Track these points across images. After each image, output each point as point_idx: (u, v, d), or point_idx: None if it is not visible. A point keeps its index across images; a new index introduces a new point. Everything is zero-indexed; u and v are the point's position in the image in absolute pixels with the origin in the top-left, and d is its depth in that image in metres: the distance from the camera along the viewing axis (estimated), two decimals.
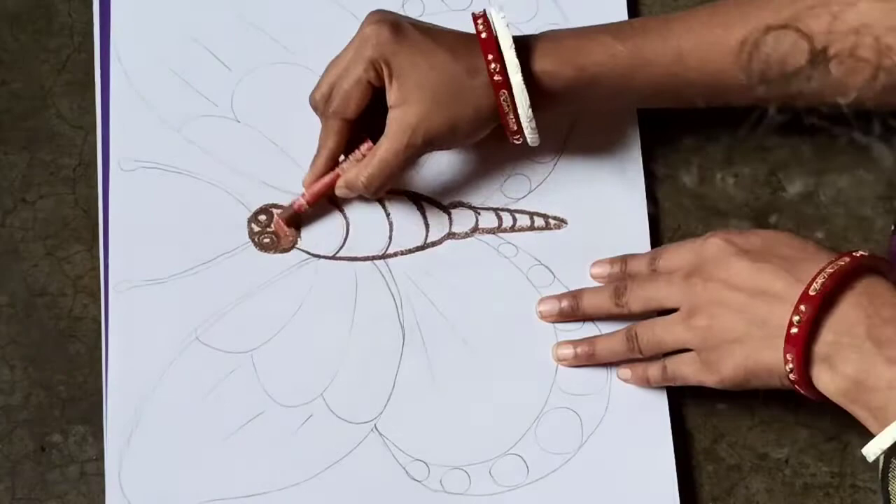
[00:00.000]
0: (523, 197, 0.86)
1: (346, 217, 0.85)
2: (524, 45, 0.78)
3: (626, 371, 0.81)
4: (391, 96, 0.79)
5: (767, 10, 0.76)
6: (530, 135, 0.79)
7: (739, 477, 0.81)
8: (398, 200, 0.85)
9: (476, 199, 0.86)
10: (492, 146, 0.86)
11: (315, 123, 0.83)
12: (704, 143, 0.87)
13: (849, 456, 0.81)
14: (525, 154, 0.86)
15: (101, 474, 0.79)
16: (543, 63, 0.78)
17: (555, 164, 0.86)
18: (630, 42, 0.78)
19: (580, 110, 0.85)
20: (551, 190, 0.86)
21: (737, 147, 0.87)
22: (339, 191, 0.82)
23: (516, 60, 0.77)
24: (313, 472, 0.79)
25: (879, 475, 0.71)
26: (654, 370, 0.79)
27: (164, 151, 0.85)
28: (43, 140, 0.86)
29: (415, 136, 0.78)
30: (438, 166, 0.86)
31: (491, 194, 0.86)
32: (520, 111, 0.78)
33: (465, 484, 0.80)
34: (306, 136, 0.85)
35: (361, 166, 0.80)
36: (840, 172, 0.87)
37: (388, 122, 0.79)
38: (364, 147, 0.81)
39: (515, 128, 0.79)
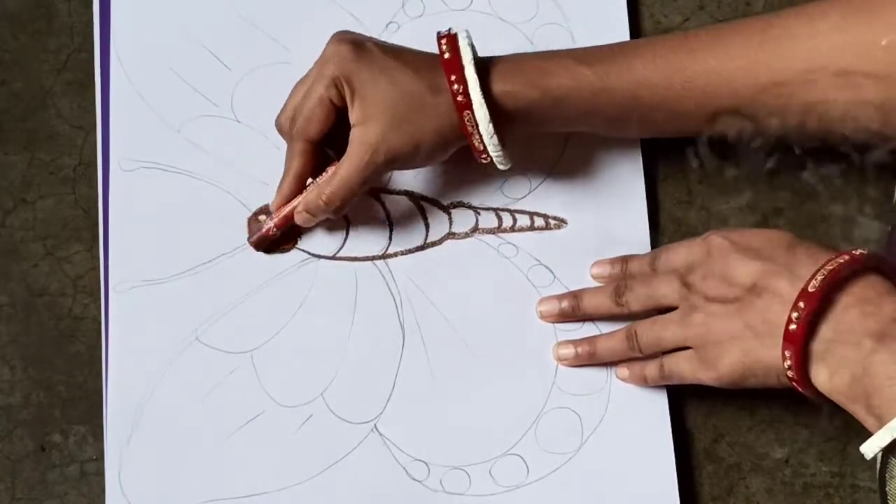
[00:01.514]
0: (523, 197, 0.86)
1: (346, 217, 0.85)
2: (488, 66, 0.78)
3: (623, 370, 0.81)
4: (353, 115, 0.78)
5: (733, 46, 0.76)
6: (494, 152, 0.79)
7: (739, 477, 0.81)
8: (398, 200, 0.85)
9: (476, 199, 0.86)
10: None
11: None
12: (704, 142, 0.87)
13: (849, 456, 0.81)
14: (525, 154, 0.86)
15: (101, 474, 0.79)
16: (507, 84, 0.78)
17: (555, 164, 0.86)
18: (595, 66, 0.78)
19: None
20: (551, 190, 0.86)
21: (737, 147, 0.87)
22: (299, 217, 0.81)
23: (475, 76, 0.76)
24: (313, 472, 0.80)
25: (877, 475, 0.71)
26: (651, 369, 0.79)
27: (164, 151, 0.85)
28: (43, 140, 0.86)
29: (376, 154, 0.78)
30: (438, 166, 0.86)
31: (491, 194, 0.86)
32: (481, 128, 0.77)
33: (465, 484, 0.80)
34: None
35: (322, 184, 0.80)
36: (840, 172, 0.87)
37: (350, 140, 0.78)
38: (331, 170, 0.81)
39: (482, 147, 0.79)
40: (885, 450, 0.68)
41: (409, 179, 0.86)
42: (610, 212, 0.85)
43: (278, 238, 0.83)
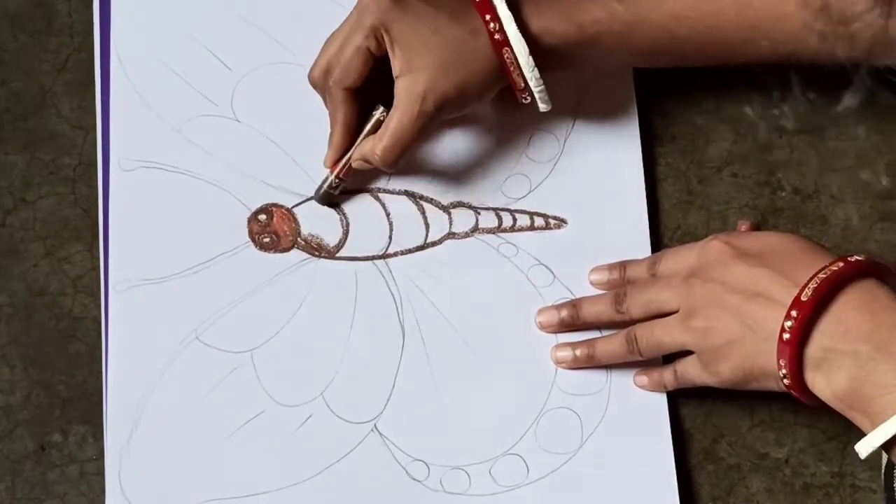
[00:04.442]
0: (523, 197, 0.86)
1: (346, 217, 0.85)
2: (520, 4, 0.78)
3: (642, 378, 0.81)
4: (396, 65, 0.78)
5: None
6: (536, 87, 0.79)
7: (739, 477, 0.81)
8: (398, 200, 0.85)
9: (476, 199, 0.86)
10: (492, 146, 0.86)
11: (316, 121, 0.83)
12: (704, 143, 0.87)
13: (849, 456, 0.81)
14: (525, 154, 0.86)
15: (101, 474, 0.79)
16: (542, 20, 0.78)
17: (555, 164, 0.86)
18: (627, 0, 0.78)
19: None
20: (551, 190, 0.86)
21: (737, 147, 0.87)
22: (356, 163, 0.81)
23: (509, 13, 0.77)
24: (313, 472, 0.79)
25: (882, 474, 0.71)
26: (667, 375, 0.80)
27: (164, 151, 0.85)
28: (43, 140, 0.86)
29: (425, 103, 0.77)
30: (438, 166, 0.86)
31: (491, 194, 0.86)
32: (521, 61, 0.77)
33: (465, 484, 0.80)
34: (306, 136, 0.85)
35: (375, 139, 0.79)
36: (840, 172, 0.87)
37: (395, 91, 0.78)
38: (378, 112, 0.80)
39: (522, 84, 0.79)
40: (885, 450, 0.68)
41: (409, 179, 0.85)
42: (610, 212, 0.85)
43: (339, 191, 0.84)
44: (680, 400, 0.81)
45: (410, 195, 0.85)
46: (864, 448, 0.68)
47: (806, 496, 0.81)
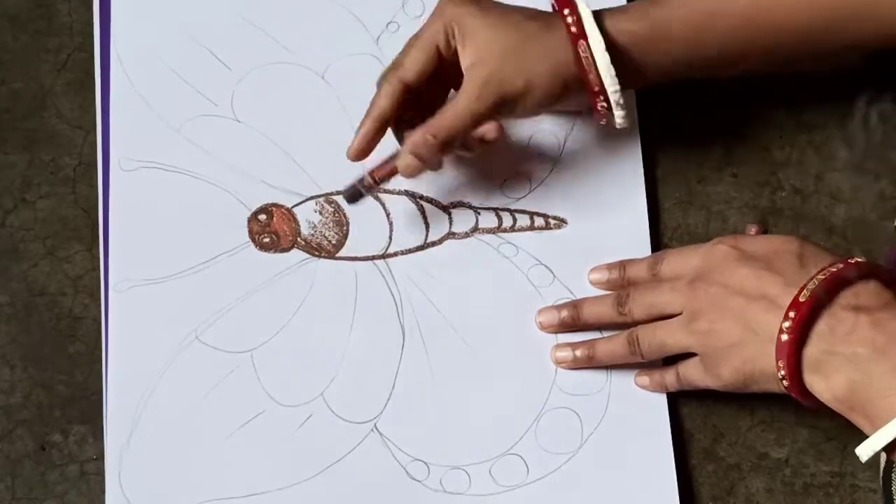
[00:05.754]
0: (523, 197, 0.86)
1: (345, 217, 0.85)
2: (601, 10, 0.78)
3: (643, 378, 0.81)
4: (466, 57, 0.77)
5: None
6: (612, 86, 0.77)
7: (739, 477, 0.81)
8: (398, 200, 0.85)
9: (476, 199, 0.85)
10: (492, 146, 0.86)
11: (316, 122, 0.83)
12: (704, 143, 0.87)
13: (849, 456, 0.81)
14: (525, 154, 0.86)
15: (101, 474, 0.79)
16: (618, 19, 0.77)
17: (555, 164, 0.86)
18: None
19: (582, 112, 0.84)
20: (551, 190, 0.86)
21: (737, 147, 0.87)
22: (403, 162, 0.78)
23: (588, 9, 0.76)
24: (313, 472, 0.80)
25: (881, 476, 0.71)
26: (669, 376, 0.79)
27: (164, 151, 0.85)
28: (43, 140, 0.86)
29: (486, 85, 0.76)
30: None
31: (491, 194, 0.86)
32: (596, 56, 0.76)
33: (465, 484, 0.80)
34: (306, 136, 0.85)
35: (430, 121, 0.77)
36: (840, 172, 0.87)
37: (463, 82, 0.77)
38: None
39: (597, 87, 0.77)
40: (886, 453, 0.68)
41: (410, 179, 0.85)
42: (610, 212, 0.85)
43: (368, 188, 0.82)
44: (680, 400, 0.81)
45: (410, 195, 0.85)
46: (864, 451, 0.68)
47: (806, 496, 0.81)
